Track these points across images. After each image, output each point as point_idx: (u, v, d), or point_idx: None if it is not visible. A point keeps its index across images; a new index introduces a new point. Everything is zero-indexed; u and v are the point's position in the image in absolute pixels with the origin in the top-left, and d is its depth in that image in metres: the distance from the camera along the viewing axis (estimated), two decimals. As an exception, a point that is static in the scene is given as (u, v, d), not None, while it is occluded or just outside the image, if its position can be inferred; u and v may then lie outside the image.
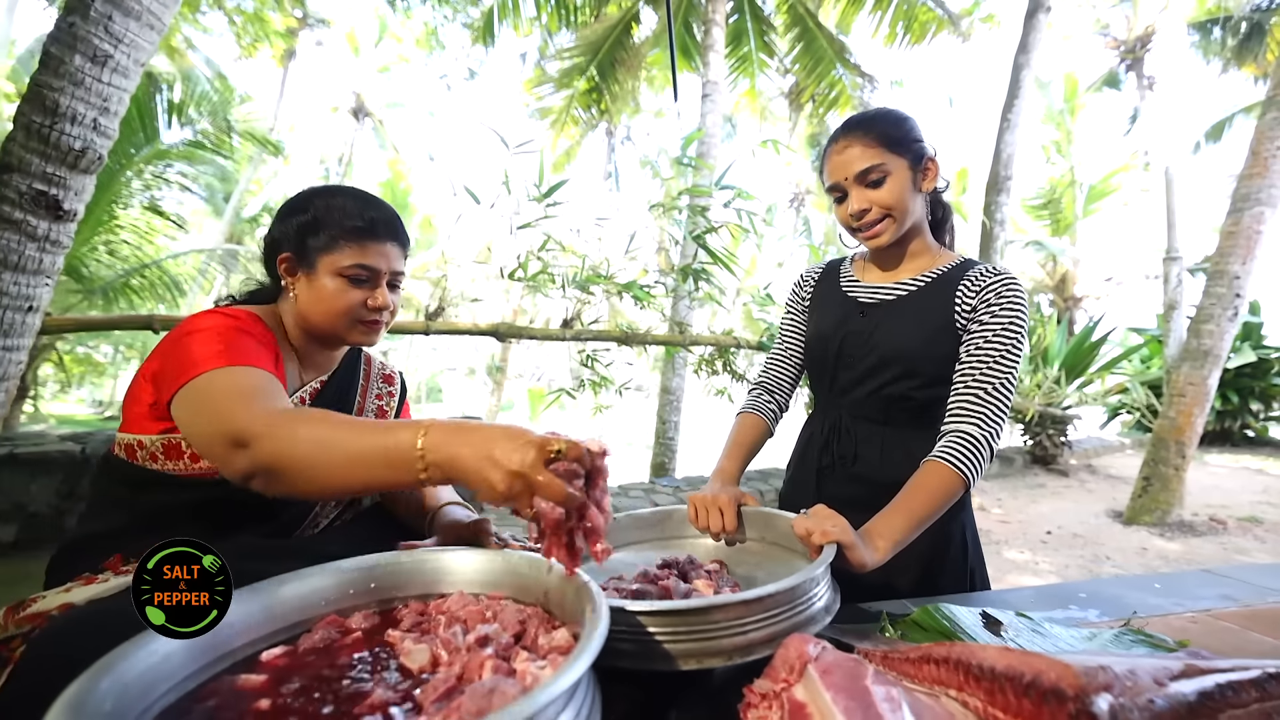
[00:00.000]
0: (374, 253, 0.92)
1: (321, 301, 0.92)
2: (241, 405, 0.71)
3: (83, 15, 1.65)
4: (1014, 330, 0.99)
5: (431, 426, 0.61)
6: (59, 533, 2.62)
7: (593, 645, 0.46)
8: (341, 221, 0.91)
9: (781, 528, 0.94)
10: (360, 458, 0.63)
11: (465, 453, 0.58)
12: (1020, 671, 0.54)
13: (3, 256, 1.65)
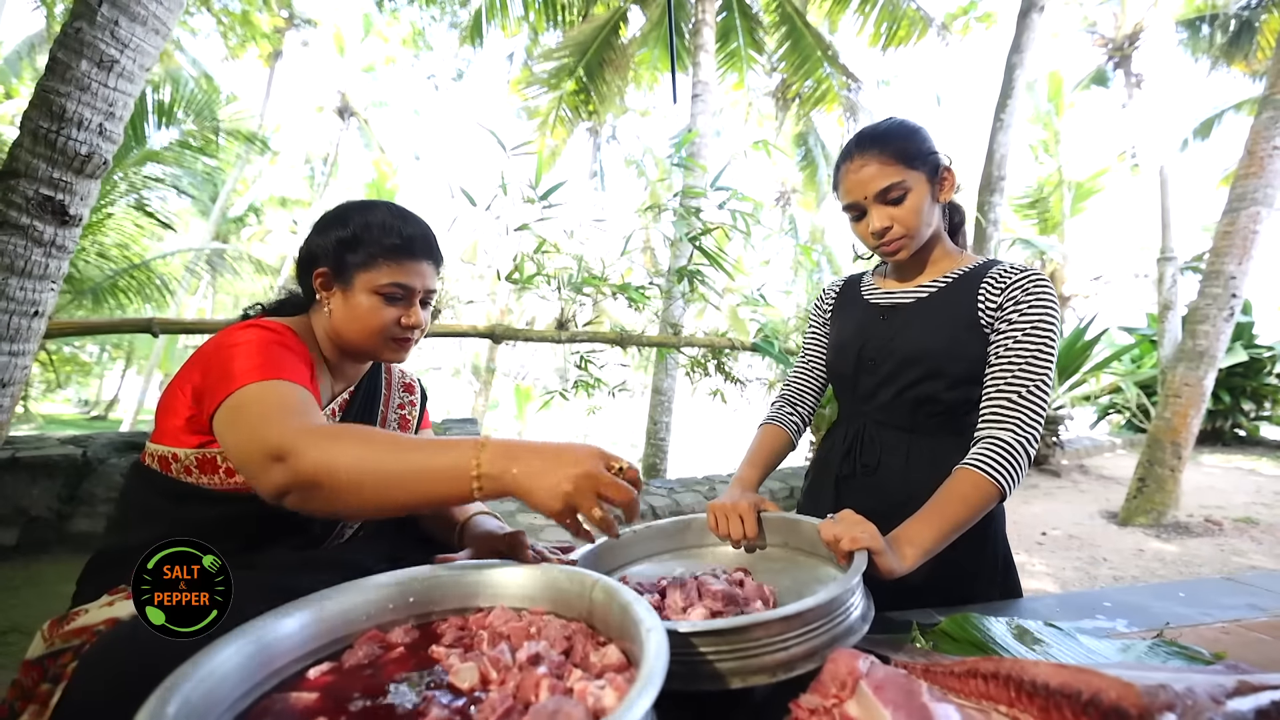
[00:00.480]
0: (410, 271, 0.92)
1: (357, 319, 0.91)
2: (280, 420, 0.70)
3: (89, 21, 1.62)
4: (1044, 328, 0.96)
5: (488, 444, 0.63)
6: (61, 536, 2.58)
7: (659, 669, 0.44)
8: (380, 239, 0.90)
9: (805, 533, 0.93)
10: (411, 474, 0.63)
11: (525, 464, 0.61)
12: (1077, 689, 0.53)
13: (9, 262, 1.62)
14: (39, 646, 0.71)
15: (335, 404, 0.97)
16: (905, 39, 7.39)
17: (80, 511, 2.61)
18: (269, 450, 0.66)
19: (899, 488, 1.02)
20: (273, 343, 0.82)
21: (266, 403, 0.73)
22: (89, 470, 2.65)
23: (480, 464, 0.62)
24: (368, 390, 1.04)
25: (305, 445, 0.65)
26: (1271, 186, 4.32)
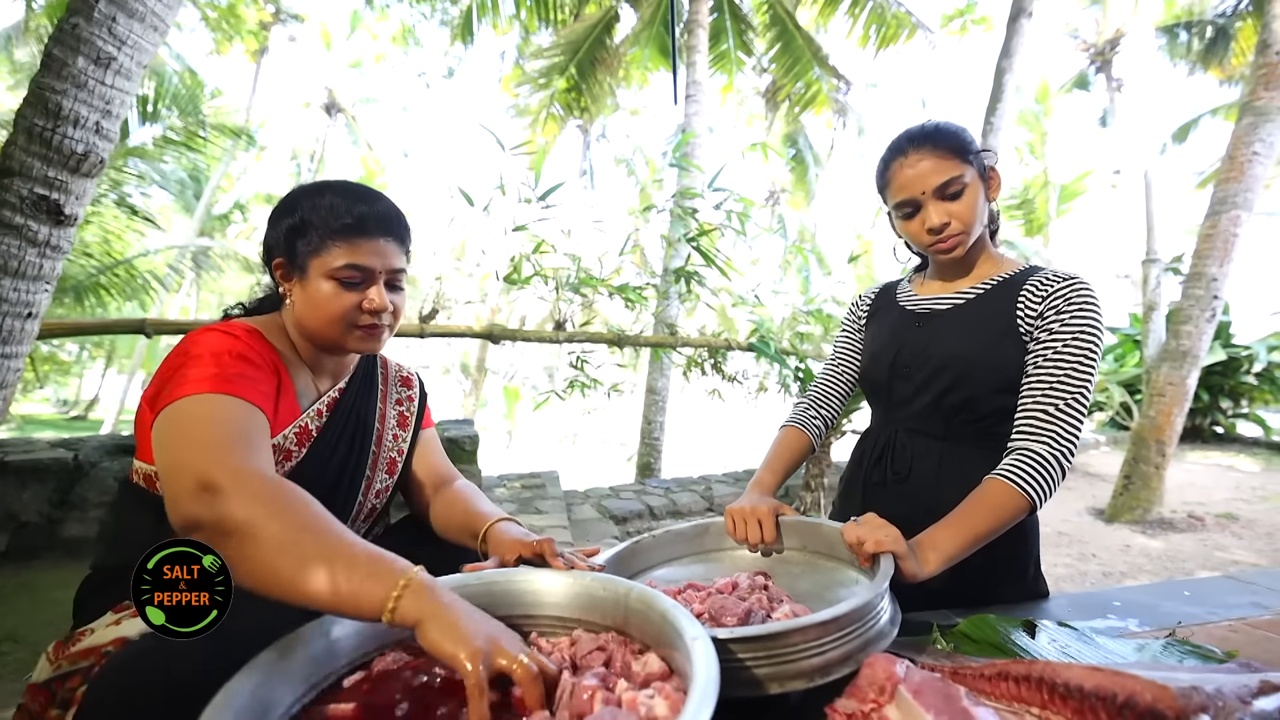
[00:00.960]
0: (365, 251, 0.85)
1: (316, 308, 0.85)
2: (222, 449, 0.65)
3: (86, 17, 1.59)
4: (1087, 339, 0.92)
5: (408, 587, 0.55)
6: (52, 542, 2.52)
7: (714, 679, 0.45)
8: (329, 221, 0.84)
9: (826, 536, 0.94)
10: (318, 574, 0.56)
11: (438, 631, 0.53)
12: (1112, 691, 0.55)
13: (2, 262, 1.58)
14: (45, 669, 0.70)
15: (322, 403, 0.92)
16: (894, 40, 7.46)
17: (72, 516, 2.56)
18: (200, 479, 0.61)
19: (930, 496, 1.00)
20: (231, 352, 0.77)
21: (210, 422, 0.68)
22: (81, 474, 2.60)
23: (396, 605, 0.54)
24: (362, 387, 0.99)
25: (240, 493, 0.60)
26: (1251, 191, 4.41)
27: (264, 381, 0.78)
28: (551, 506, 3.70)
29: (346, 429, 0.93)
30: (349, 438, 0.93)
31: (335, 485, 0.91)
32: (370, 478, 0.96)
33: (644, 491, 4.84)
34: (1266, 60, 4.35)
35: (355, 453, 0.94)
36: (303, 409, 0.88)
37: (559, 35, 8.09)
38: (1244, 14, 9.06)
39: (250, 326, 0.85)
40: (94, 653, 0.68)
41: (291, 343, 0.91)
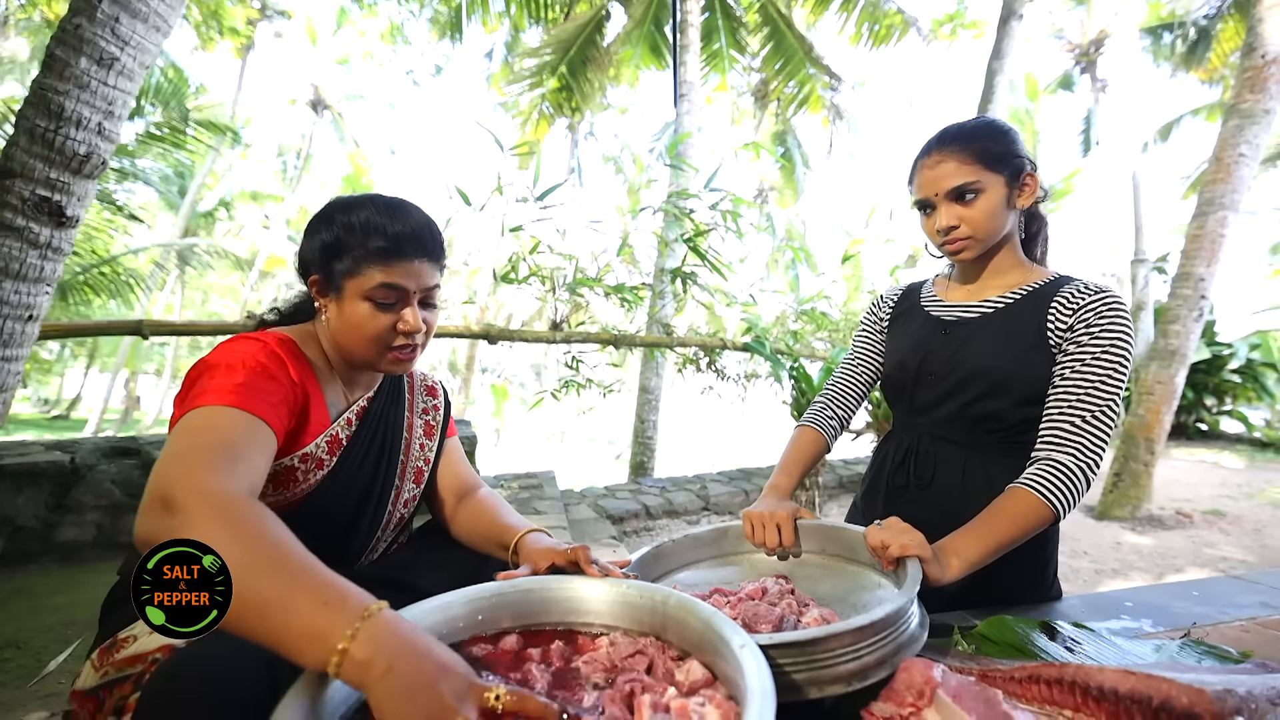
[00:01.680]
0: (401, 272, 0.84)
1: (351, 328, 0.85)
2: (197, 465, 0.61)
3: (89, 17, 1.56)
4: (1117, 353, 0.92)
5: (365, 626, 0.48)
6: (48, 546, 2.48)
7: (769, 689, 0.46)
8: (365, 242, 0.83)
9: (845, 540, 0.95)
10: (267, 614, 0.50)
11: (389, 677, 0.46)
12: (1147, 695, 0.56)
13: (3, 265, 1.55)
14: (91, 676, 0.69)
15: (351, 412, 0.92)
16: (887, 39, 7.50)
17: (68, 520, 2.52)
18: (161, 493, 0.58)
19: (953, 502, 1.00)
20: (254, 365, 0.76)
21: (202, 434, 0.66)
22: (77, 478, 2.56)
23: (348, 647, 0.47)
24: (389, 396, 0.99)
25: (198, 510, 0.56)
26: (1237, 192, 4.49)
27: (281, 394, 0.77)
28: (549, 506, 3.69)
29: (376, 437, 0.93)
30: (379, 446, 0.93)
31: (366, 493, 0.91)
32: (399, 487, 0.96)
33: (640, 491, 4.84)
34: (1252, 64, 4.42)
35: (385, 461, 0.93)
36: (333, 418, 0.88)
37: (550, 34, 8.07)
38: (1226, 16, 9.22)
39: (284, 336, 0.84)
40: (142, 659, 0.67)
41: (324, 353, 0.90)
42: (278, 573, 0.52)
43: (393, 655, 0.47)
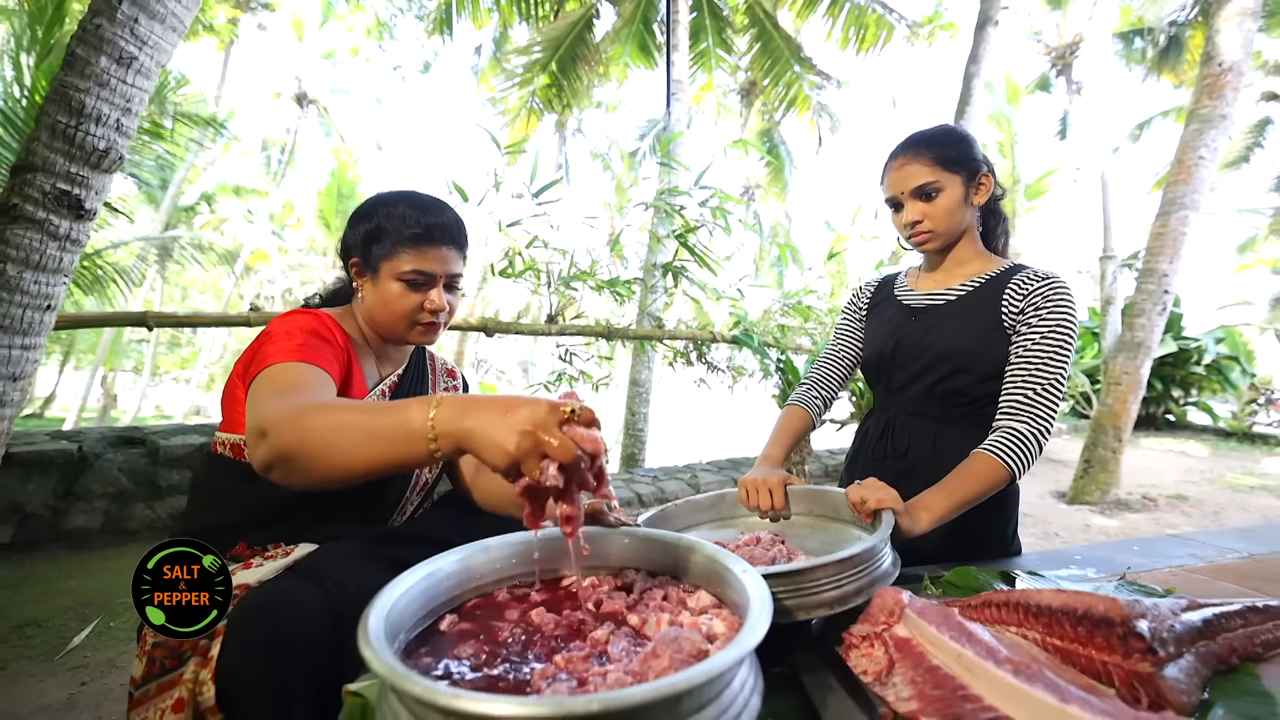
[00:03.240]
0: (430, 258, 0.96)
1: (385, 304, 0.97)
2: (276, 399, 0.72)
3: (109, 18, 1.62)
4: (1062, 331, 1.05)
5: (443, 400, 0.59)
6: (57, 534, 2.54)
7: (768, 597, 0.57)
8: (401, 229, 0.95)
9: (830, 501, 1.06)
10: (373, 436, 0.61)
11: (477, 418, 0.56)
12: (1074, 606, 0.68)
13: (24, 255, 1.61)
14: None
15: (384, 385, 1.03)
16: (873, 42, 7.64)
17: (76, 508, 2.57)
18: (256, 427, 0.68)
19: (926, 470, 1.10)
20: (307, 329, 0.87)
21: (277, 382, 0.77)
22: (85, 466, 2.61)
23: (435, 422, 0.58)
24: (415, 374, 1.10)
25: (283, 422, 0.65)
26: (1198, 192, 4.70)
27: (335, 355, 0.88)
28: (544, 496, 3.78)
29: None
30: None
31: None
32: None
33: (632, 480, 4.95)
34: (1210, 71, 4.64)
35: None
36: (369, 389, 0.98)
37: (540, 32, 8.11)
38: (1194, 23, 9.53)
39: (330, 314, 0.95)
40: None
41: (361, 331, 1.01)
42: (359, 416, 0.63)
43: (466, 414, 0.57)
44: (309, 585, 0.71)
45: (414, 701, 0.44)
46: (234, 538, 0.87)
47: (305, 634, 0.66)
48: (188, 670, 0.71)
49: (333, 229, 17.47)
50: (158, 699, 0.71)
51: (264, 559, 0.82)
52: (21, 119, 4.10)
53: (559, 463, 0.54)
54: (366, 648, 0.49)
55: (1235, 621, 0.75)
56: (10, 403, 1.72)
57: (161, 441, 2.80)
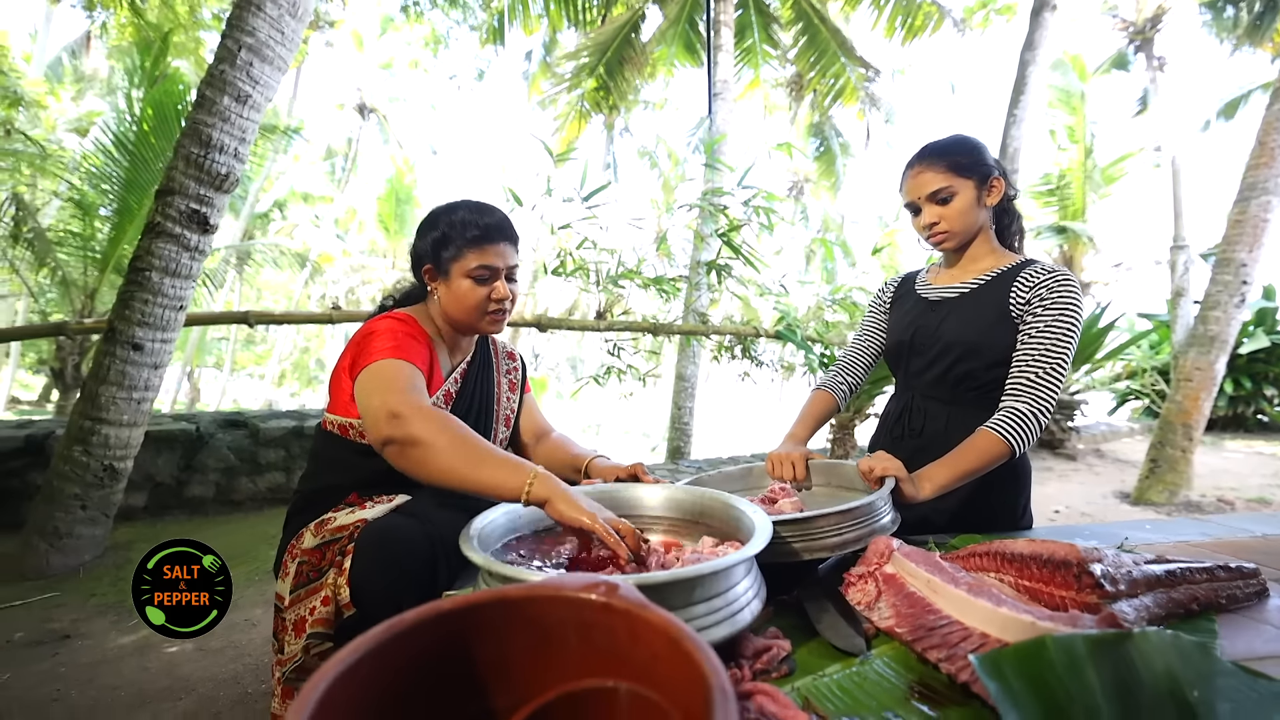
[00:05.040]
0: (492, 254, 1.12)
1: (458, 300, 1.13)
2: (401, 390, 0.92)
3: (230, 64, 1.92)
4: (1066, 319, 1.14)
5: (537, 478, 0.81)
6: (180, 501, 2.94)
7: (768, 526, 0.72)
8: (463, 233, 1.11)
9: (844, 474, 1.20)
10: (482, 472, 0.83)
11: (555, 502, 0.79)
12: (1039, 552, 0.80)
13: (164, 264, 1.94)
14: (311, 539, 0.99)
15: (456, 373, 1.20)
16: (921, 31, 7.50)
17: (195, 479, 2.97)
18: (389, 409, 0.87)
19: (939, 448, 1.17)
20: (401, 331, 1.06)
21: (390, 374, 0.96)
22: (201, 444, 3.01)
23: (530, 489, 0.80)
24: (482, 361, 1.28)
25: (415, 415, 0.87)
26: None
27: (424, 352, 1.08)
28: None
29: (476, 392, 1.23)
30: (479, 399, 1.23)
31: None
32: (494, 427, 1.26)
33: (678, 471, 5.11)
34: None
35: (483, 410, 1.24)
36: (445, 377, 1.18)
37: (587, 38, 8.34)
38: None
39: (410, 315, 1.14)
40: (345, 529, 0.98)
41: (436, 328, 1.20)
42: (477, 448, 0.85)
43: (556, 486, 0.80)
44: (412, 521, 0.91)
45: (499, 580, 0.62)
46: (347, 492, 1.08)
47: (409, 554, 0.86)
48: (329, 577, 0.92)
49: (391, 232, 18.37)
50: (307, 600, 0.92)
51: (374, 504, 1.03)
52: (132, 143, 4.62)
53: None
54: (467, 547, 0.67)
55: (1200, 575, 0.84)
56: (152, 387, 2.05)
57: (261, 424, 3.18)
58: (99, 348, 2.17)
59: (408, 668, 0.39)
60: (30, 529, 2.33)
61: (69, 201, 5.68)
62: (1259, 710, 0.57)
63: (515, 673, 0.44)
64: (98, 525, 2.39)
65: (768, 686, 0.58)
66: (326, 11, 15.64)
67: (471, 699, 0.43)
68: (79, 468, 2.26)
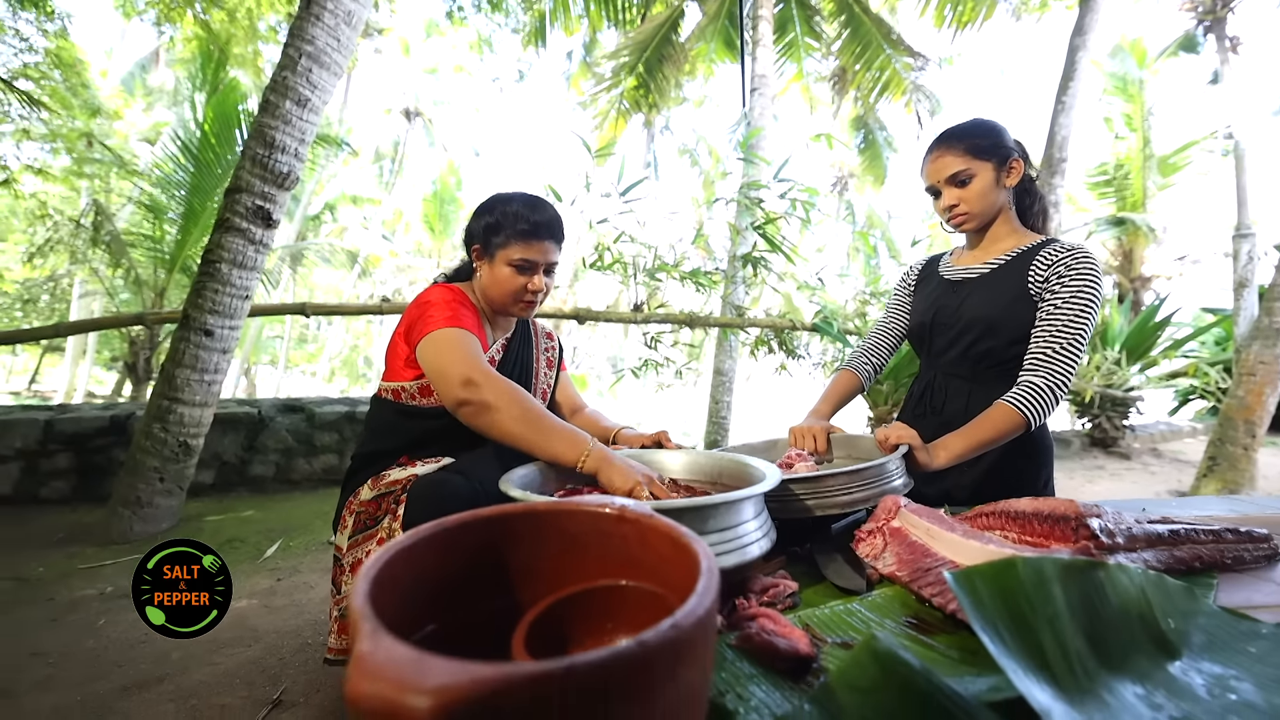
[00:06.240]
0: (535, 249, 1.21)
1: (497, 284, 1.22)
2: (471, 358, 1.04)
3: (292, 70, 2.10)
4: (1084, 295, 1.15)
5: (591, 453, 0.92)
6: (243, 479, 3.19)
7: (776, 475, 0.78)
8: (514, 224, 1.20)
9: (864, 446, 1.24)
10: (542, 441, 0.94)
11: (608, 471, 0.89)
12: (1040, 509, 0.84)
13: (233, 257, 2.13)
14: (368, 492, 1.11)
15: (497, 346, 1.30)
16: (972, 19, 7.29)
17: (256, 459, 3.21)
18: (463, 375, 0.99)
19: (959, 424, 1.20)
20: (454, 300, 1.16)
21: (458, 342, 1.07)
22: (262, 426, 3.25)
23: (585, 461, 0.91)
24: (522, 337, 1.39)
25: (488, 382, 0.98)
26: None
27: (473, 319, 1.18)
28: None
29: (516, 364, 1.33)
30: (518, 371, 1.33)
31: None
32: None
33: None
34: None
35: (522, 381, 1.34)
36: (489, 348, 1.28)
37: (627, 37, 8.42)
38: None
39: (460, 288, 1.25)
40: (398, 483, 1.09)
41: (479, 302, 1.30)
42: (541, 418, 0.97)
43: (603, 464, 0.90)
44: (459, 477, 1.01)
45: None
46: (399, 454, 1.19)
47: (457, 502, 0.96)
48: (384, 523, 1.03)
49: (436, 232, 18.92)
50: (364, 544, 1.04)
51: (424, 464, 1.14)
52: (196, 148, 4.94)
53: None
54: (507, 485, 0.76)
55: (1206, 536, 0.87)
56: (221, 370, 2.24)
57: (316, 409, 3.40)
58: (175, 334, 2.39)
59: (451, 560, 0.47)
60: (116, 499, 2.57)
61: (140, 206, 6.11)
62: (1235, 643, 0.61)
63: (541, 574, 0.52)
64: (173, 497, 2.61)
65: (769, 610, 0.66)
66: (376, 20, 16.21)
67: (504, 594, 0.51)
68: (158, 443, 2.48)
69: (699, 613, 0.32)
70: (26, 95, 5.94)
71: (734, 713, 0.49)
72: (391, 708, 0.24)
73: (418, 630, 0.42)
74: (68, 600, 2.05)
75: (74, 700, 1.49)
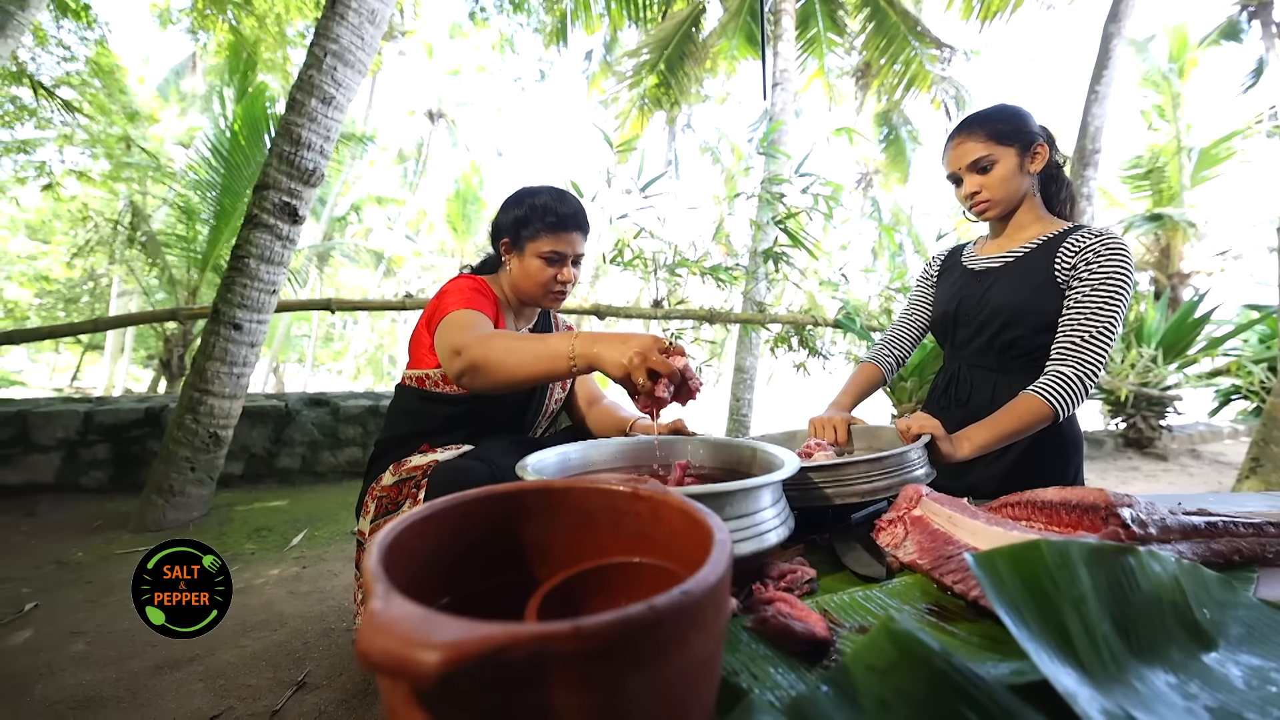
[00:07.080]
0: (564, 241, 1.24)
1: (527, 276, 1.25)
2: (464, 331, 1.04)
3: (318, 69, 2.14)
4: (1114, 282, 1.11)
5: (579, 335, 0.89)
6: (270, 470, 3.27)
7: (795, 463, 0.77)
8: (543, 217, 1.23)
9: (885, 436, 1.22)
10: (532, 355, 0.90)
11: (602, 345, 0.84)
12: (1069, 498, 0.81)
13: (260, 252, 2.18)
14: (390, 477, 1.13)
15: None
16: (1000, 9, 7.11)
17: (284, 451, 3.29)
18: (453, 347, 0.98)
19: (984, 416, 1.17)
20: (471, 288, 1.19)
21: (459, 320, 1.08)
22: (289, 419, 3.33)
23: (574, 347, 0.86)
24: (543, 329, 1.41)
25: (473, 344, 0.96)
26: None
27: (489, 306, 1.20)
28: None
29: None
30: None
31: (531, 393, 1.33)
32: (551, 389, 1.37)
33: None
34: None
35: None
36: None
37: (648, 35, 8.41)
38: None
39: (483, 279, 1.27)
40: (419, 469, 1.11)
41: (505, 295, 1.32)
42: (519, 344, 0.93)
43: (594, 342, 0.86)
44: (478, 462, 1.02)
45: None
46: (420, 441, 1.21)
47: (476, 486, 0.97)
48: (405, 506, 1.05)
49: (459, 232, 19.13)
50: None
51: (444, 451, 1.15)
52: (227, 150, 5.07)
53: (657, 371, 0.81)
54: (522, 470, 0.77)
55: (1246, 529, 0.83)
56: (249, 364, 2.29)
57: (341, 403, 3.47)
58: (206, 328, 2.47)
59: (466, 534, 0.48)
60: (149, 487, 2.65)
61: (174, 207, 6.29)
62: (1276, 636, 0.58)
63: (555, 551, 0.52)
64: (204, 486, 2.69)
65: (786, 595, 0.65)
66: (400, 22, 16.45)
67: (517, 570, 0.51)
68: (189, 434, 2.56)
69: (710, 580, 0.32)
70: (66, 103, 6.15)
71: (748, 691, 0.48)
72: (401, 661, 0.24)
73: (431, 603, 0.42)
74: (105, 583, 2.13)
75: (110, 677, 1.55)
